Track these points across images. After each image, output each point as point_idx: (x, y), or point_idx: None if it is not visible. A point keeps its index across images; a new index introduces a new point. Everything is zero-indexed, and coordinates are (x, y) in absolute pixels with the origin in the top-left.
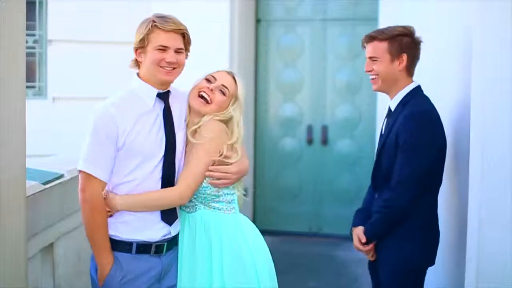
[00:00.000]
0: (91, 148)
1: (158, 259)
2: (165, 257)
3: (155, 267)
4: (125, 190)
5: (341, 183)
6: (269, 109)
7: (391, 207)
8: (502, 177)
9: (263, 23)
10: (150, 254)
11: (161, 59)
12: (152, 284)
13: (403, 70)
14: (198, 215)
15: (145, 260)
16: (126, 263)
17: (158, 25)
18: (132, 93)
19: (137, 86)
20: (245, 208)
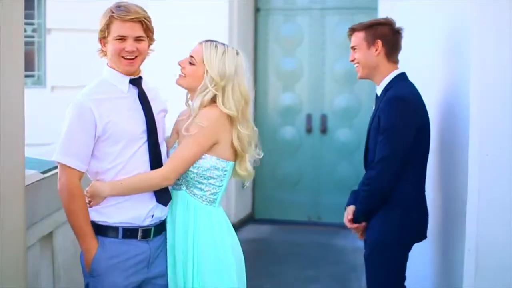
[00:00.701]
0: (65, 139)
1: (146, 244)
2: (153, 242)
3: (142, 252)
4: (112, 175)
5: (340, 172)
6: (268, 98)
7: (371, 185)
8: (500, 167)
9: (263, 12)
10: (137, 239)
11: (121, 48)
12: (141, 269)
13: (382, 56)
14: (180, 195)
15: (133, 245)
16: (112, 248)
17: (115, 15)
18: (105, 81)
19: (108, 75)
20: (244, 197)
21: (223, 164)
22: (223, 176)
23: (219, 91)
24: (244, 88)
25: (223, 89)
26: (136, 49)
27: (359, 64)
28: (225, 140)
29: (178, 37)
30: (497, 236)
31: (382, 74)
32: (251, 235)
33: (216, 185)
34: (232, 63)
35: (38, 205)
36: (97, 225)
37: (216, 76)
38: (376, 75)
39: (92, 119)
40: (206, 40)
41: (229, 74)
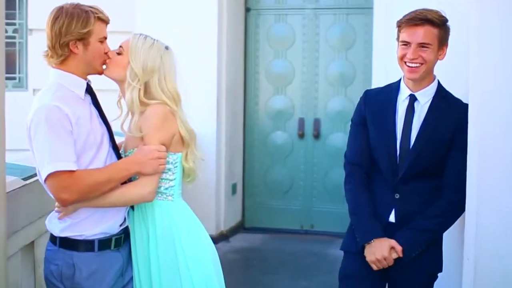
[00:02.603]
0: (53, 146)
1: (118, 253)
2: (123, 249)
3: (117, 262)
4: None
5: (334, 179)
6: (259, 101)
7: (455, 211)
8: (501, 174)
9: (253, 12)
10: (110, 249)
11: (106, 50)
12: (118, 279)
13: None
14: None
15: (108, 256)
16: (91, 262)
17: (101, 16)
18: (62, 87)
19: (64, 80)
20: (233, 205)
21: (174, 156)
22: (174, 169)
23: (142, 86)
24: (172, 86)
25: (146, 84)
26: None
27: (422, 65)
28: (176, 131)
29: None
30: (497, 245)
31: (431, 78)
32: (241, 244)
33: (169, 178)
34: (158, 56)
35: (19, 213)
36: (71, 240)
37: (137, 68)
38: (425, 79)
39: (69, 123)
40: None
41: (152, 67)
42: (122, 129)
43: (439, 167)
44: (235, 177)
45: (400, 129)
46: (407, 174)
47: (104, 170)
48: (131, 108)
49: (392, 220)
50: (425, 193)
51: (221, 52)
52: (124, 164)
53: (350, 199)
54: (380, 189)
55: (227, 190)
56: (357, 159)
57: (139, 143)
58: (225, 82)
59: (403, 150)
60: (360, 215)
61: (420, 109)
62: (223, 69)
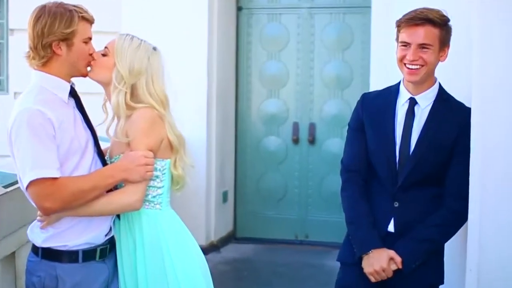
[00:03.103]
0: (35, 152)
1: (104, 264)
2: (109, 260)
3: (102, 273)
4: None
5: (330, 186)
6: (251, 105)
7: (459, 221)
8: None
9: (245, 11)
10: (96, 260)
11: (91, 51)
12: None
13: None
14: None
15: (93, 268)
16: (75, 274)
17: (86, 15)
18: (44, 90)
19: (47, 82)
20: (224, 214)
21: (162, 163)
22: (162, 176)
23: (128, 89)
24: (160, 88)
25: (133, 87)
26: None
27: (422, 67)
28: (164, 136)
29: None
30: (501, 257)
31: (432, 81)
32: (232, 255)
33: (157, 186)
34: (145, 58)
35: (0, 222)
36: (54, 251)
37: (124, 70)
38: (425, 84)
39: (51, 127)
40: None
41: (139, 69)
42: (108, 134)
43: (441, 174)
44: (226, 185)
45: (400, 134)
46: (406, 181)
47: (88, 177)
48: (117, 112)
49: (391, 230)
50: (425, 201)
51: (211, 53)
52: (110, 171)
53: (347, 208)
54: (378, 197)
55: (218, 198)
56: (354, 166)
57: (125, 149)
58: (215, 85)
59: (403, 156)
60: (358, 224)
61: (420, 113)
62: (213, 71)
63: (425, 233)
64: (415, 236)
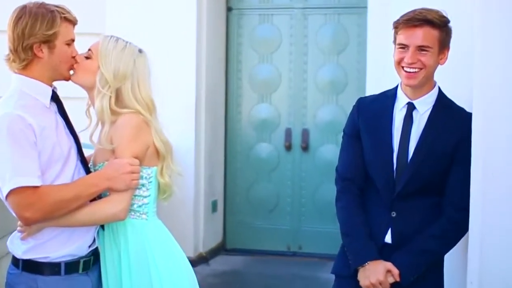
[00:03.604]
0: (15, 160)
1: (87, 277)
2: (92, 273)
3: (85, 286)
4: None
5: (324, 195)
6: (241, 110)
7: (459, 231)
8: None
9: (235, 12)
10: (78, 273)
11: (74, 54)
12: None
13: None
14: None
15: (75, 280)
16: (56, 287)
17: (68, 16)
18: (25, 94)
19: (28, 86)
20: (214, 224)
21: (148, 171)
22: (148, 184)
23: (113, 93)
24: (146, 93)
25: (118, 91)
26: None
27: (421, 70)
28: (151, 143)
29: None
30: (504, 269)
31: (431, 85)
32: (222, 267)
33: (143, 195)
34: (130, 61)
35: None
36: (35, 263)
37: (108, 74)
38: (425, 86)
39: (32, 133)
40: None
41: (124, 72)
42: (91, 141)
43: (440, 182)
44: (215, 194)
45: (397, 140)
46: (404, 190)
47: (71, 186)
48: (101, 118)
49: (388, 241)
50: (424, 211)
51: (200, 56)
52: (94, 179)
53: (342, 218)
54: (375, 207)
55: (207, 208)
56: (350, 174)
57: (110, 156)
58: (204, 89)
59: (401, 164)
60: (353, 235)
61: (419, 119)
62: (202, 75)
63: (423, 244)
64: (413, 248)
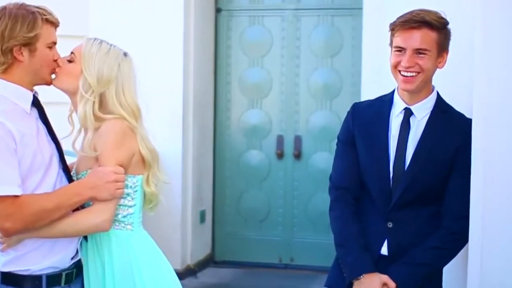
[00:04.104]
0: None
1: None
2: (75, 285)
3: None
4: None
5: (317, 205)
6: (231, 116)
7: (459, 242)
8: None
9: (224, 13)
10: (61, 286)
11: (56, 57)
12: None
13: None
14: None
15: None
16: None
17: (50, 18)
18: (4, 99)
19: (7, 91)
20: (202, 235)
21: (133, 179)
22: (133, 193)
23: (96, 98)
24: (131, 98)
25: (102, 96)
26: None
27: (419, 74)
28: (136, 150)
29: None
30: (503, 281)
31: (429, 90)
32: (210, 280)
33: (128, 205)
34: (115, 64)
35: None
36: (16, 276)
37: (92, 78)
38: (422, 91)
39: (12, 140)
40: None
41: (108, 76)
42: (74, 148)
43: (439, 191)
44: (203, 203)
45: (394, 148)
46: (401, 199)
47: (53, 196)
48: (84, 124)
49: (385, 253)
50: (422, 221)
51: (187, 59)
52: (76, 189)
53: (336, 229)
54: (370, 217)
55: (195, 218)
56: (344, 183)
57: (93, 164)
58: (192, 94)
59: (397, 172)
60: (348, 247)
61: (416, 125)
62: (189, 79)
63: (421, 256)
64: (410, 260)
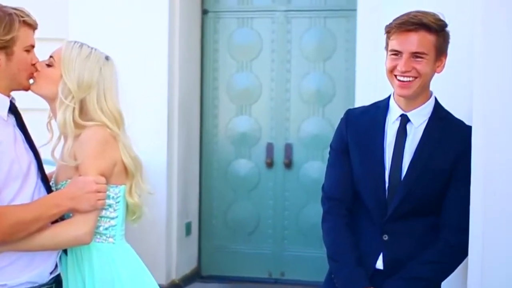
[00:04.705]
0: None
1: None
2: None
3: None
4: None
5: (309, 217)
6: (218, 123)
7: (457, 255)
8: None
9: (211, 15)
10: None
11: (34, 61)
12: None
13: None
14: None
15: None
16: None
17: (28, 20)
18: None
19: None
20: (188, 248)
21: (115, 190)
22: (115, 204)
23: (77, 104)
24: (113, 104)
25: (82, 102)
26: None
27: (416, 79)
28: (119, 159)
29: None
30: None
31: (427, 95)
32: None
33: (110, 216)
34: (96, 69)
35: None
36: None
37: (71, 83)
38: (420, 96)
39: None
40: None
41: (89, 81)
42: (53, 157)
43: (437, 202)
44: (189, 215)
45: (390, 156)
46: (397, 211)
47: (31, 207)
48: (64, 131)
49: (380, 267)
50: (419, 234)
51: (172, 64)
52: (55, 199)
53: (329, 242)
54: (365, 229)
55: (180, 231)
56: (338, 193)
57: (73, 174)
58: (177, 100)
59: (393, 182)
60: (341, 260)
61: (413, 132)
62: (175, 84)
63: (418, 270)
64: (407, 274)
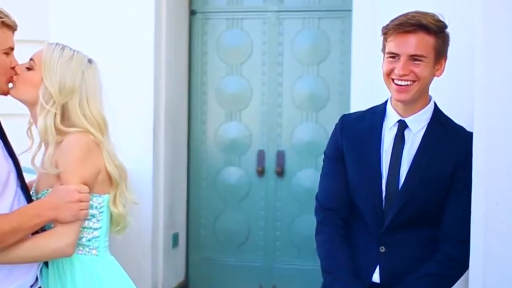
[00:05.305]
0: None
1: None
2: None
3: None
4: None
5: (302, 228)
6: (207, 129)
7: (463, 267)
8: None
9: (199, 16)
10: None
11: (13, 64)
12: None
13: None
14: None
15: None
16: None
17: (7, 21)
18: None
19: None
20: (175, 260)
21: (99, 199)
22: (99, 214)
23: (58, 109)
24: (96, 109)
25: (64, 107)
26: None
27: (414, 83)
28: (102, 167)
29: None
30: None
31: (426, 100)
32: None
33: (93, 227)
34: (78, 72)
35: None
36: None
37: (53, 87)
38: (418, 101)
39: None
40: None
41: (71, 86)
42: (33, 165)
43: (436, 213)
44: (176, 226)
45: (387, 164)
46: (395, 221)
47: (10, 217)
48: (45, 138)
49: (376, 280)
50: (418, 245)
51: (158, 67)
52: (36, 209)
53: (323, 254)
54: (361, 241)
55: (167, 242)
56: (332, 203)
57: (54, 182)
58: (164, 105)
59: (391, 191)
60: (336, 273)
61: (411, 139)
62: (161, 89)
63: (417, 284)
64: None
